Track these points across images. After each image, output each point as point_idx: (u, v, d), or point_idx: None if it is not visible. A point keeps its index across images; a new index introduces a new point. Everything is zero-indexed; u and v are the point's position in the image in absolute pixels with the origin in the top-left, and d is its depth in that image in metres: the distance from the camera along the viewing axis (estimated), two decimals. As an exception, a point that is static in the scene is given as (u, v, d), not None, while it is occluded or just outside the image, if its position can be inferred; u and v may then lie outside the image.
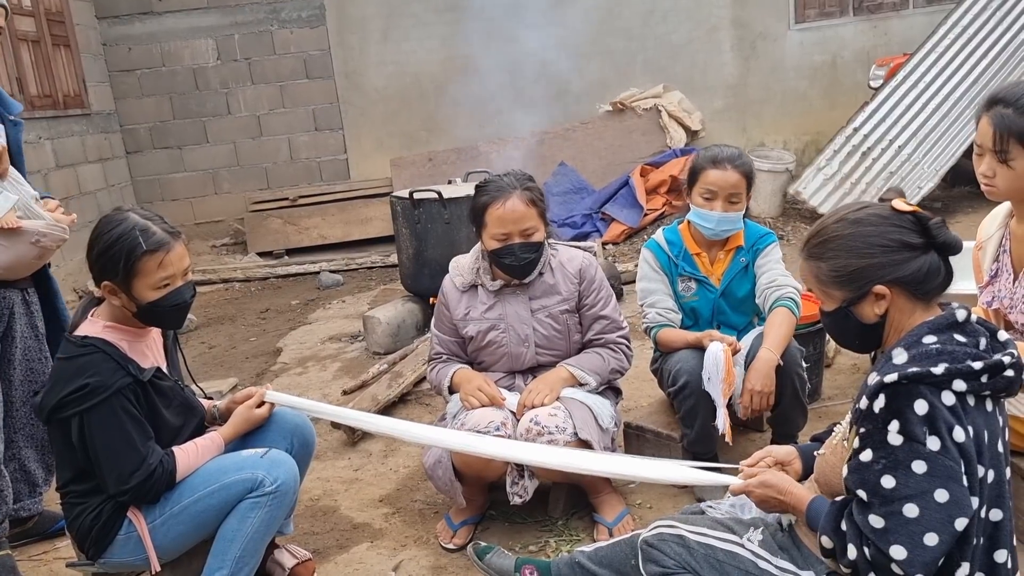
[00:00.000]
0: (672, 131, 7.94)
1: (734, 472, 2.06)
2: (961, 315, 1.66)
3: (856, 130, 6.99)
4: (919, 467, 1.53)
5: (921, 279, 1.67)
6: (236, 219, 8.73)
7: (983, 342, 1.64)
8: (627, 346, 2.96)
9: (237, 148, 8.91)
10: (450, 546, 2.80)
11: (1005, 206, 2.51)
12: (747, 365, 2.82)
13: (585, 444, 2.62)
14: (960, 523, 1.53)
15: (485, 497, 2.94)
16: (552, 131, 8.22)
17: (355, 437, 3.71)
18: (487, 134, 8.49)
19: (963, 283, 2.87)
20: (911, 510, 1.53)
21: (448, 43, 8.61)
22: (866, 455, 1.60)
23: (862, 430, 1.62)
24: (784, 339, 2.79)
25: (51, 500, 3.18)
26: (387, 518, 3.07)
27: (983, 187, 2.39)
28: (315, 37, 8.70)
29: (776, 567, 1.85)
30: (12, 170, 2.72)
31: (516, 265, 2.76)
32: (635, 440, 3.15)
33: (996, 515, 1.63)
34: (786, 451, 2.02)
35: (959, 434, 1.54)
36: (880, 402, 1.58)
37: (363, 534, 2.97)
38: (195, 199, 8.92)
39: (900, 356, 1.61)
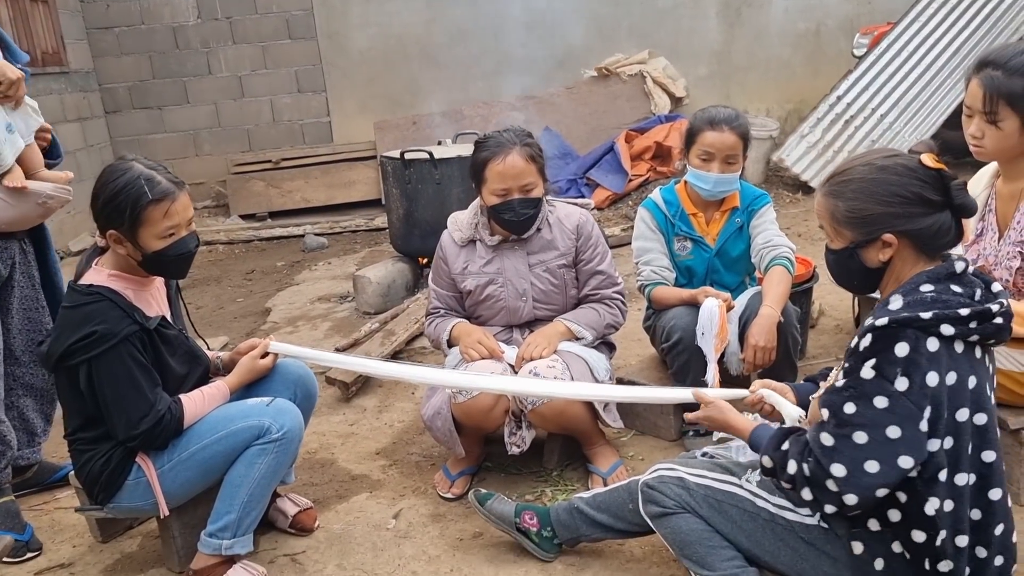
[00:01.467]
0: (657, 97, 7.97)
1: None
2: (959, 267, 1.73)
3: (839, 98, 7.07)
4: (880, 402, 1.63)
5: (931, 235, 1.73)
6: (218, 181, 8.66)
7: (978, 293, 1.71)
8: (622, 301, 3.02)
9: (218, 109, 8.81)
10: (448, 495, 2.87)
11: (992, 167, 2.58)
12: (744, 322, 2.90)
13: (582, 395, 2.68)
14: (905, 461, 1.63)
15: (482, 449, 3.00)
16: (537, 96, 8.22)
17: (349, 393, 3.76)
18: (471, 98, 8.46)
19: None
20: (860, 437, 1.64)
21: (433, 5, 8.53)
22: (840, 383, 1.71)
23: (846, 365, 1.72)
24: (783, 297, 2.87)
25: (49, 452, 3.21)
26: (384, 470, 3.13)
27: (972, 148, 2.46)
28: (298, -4, 8.59)
29: (774, 505, 1.93)
30: (29, 100, 2.73)
31: (515, 220, 2.80)
32: (627, 394, 3.22)
33: (989, 456, 1.71)
34: (780, 387, 2.11)
35: (932, 378, 1.63)
36: (866, 341, 1.67)
37: (362, 485, 3.03)
38: (176, 160, 8.79)
39: (896, 302, 1.69)
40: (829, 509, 1.72)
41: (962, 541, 1.72)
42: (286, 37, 8.66)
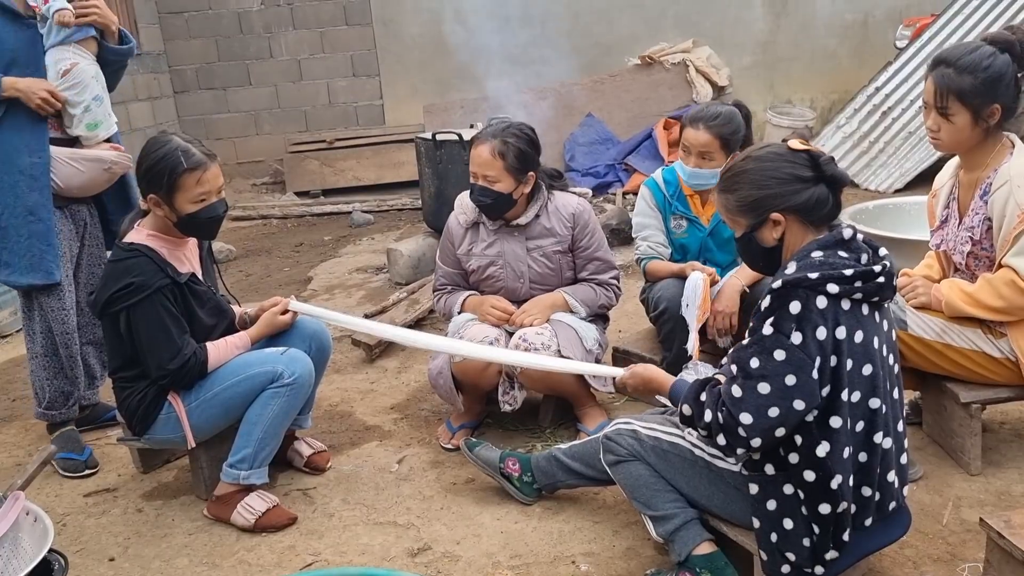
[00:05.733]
0: (699, 86, 8.07)
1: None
2: (847, 234, 1.95)
3: (878, 89, 7.09)
4: (779, 355, 1.84)
5: (811, 207, 1.95)
6: (276, 159, 9.10)
7: (864, 257, 1.92)
8: (617, 287, 3.27)
9: (278, 91, 9.24)
10: (448, 446, 3.16)
11: (958, 158, 2.74)
12: None
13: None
14: (798, 404, 1.84)
15: (482, 407, 3.28)
16: (581, 83, 8.41)
17: (373, 355, 4.09)
18: (518, 84, 8.68)
19: (923, 231, 3.12)
20: (764, 387, 1.85)
21: (482, -7, 8.79)
22: (746, 341, 1.93)
23: (751, 324, 1.94)
24: (754, 274, 3.07)
25: (106, 395, 3.61)
26: (396, 422, 3.44)
27: (930, 141, 2.63)
28: (355, -17, 8.94)
29: (708, 454, 2.17)
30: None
31: (477, 204, 3.08)
32: (621, 362, 3.46)
33: (874, 403, 1.92)
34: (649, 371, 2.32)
35: (821, 332, 1.84)
36: (766, 302, 1.89)
37: (374, 434, 3.35)
38: (238, 139, 9.30)
39: (791, 268, 1.91)
40: (740, 452, 1.95)
41: (853, 482, 1.93)
42: (343, 23, 9.04)
